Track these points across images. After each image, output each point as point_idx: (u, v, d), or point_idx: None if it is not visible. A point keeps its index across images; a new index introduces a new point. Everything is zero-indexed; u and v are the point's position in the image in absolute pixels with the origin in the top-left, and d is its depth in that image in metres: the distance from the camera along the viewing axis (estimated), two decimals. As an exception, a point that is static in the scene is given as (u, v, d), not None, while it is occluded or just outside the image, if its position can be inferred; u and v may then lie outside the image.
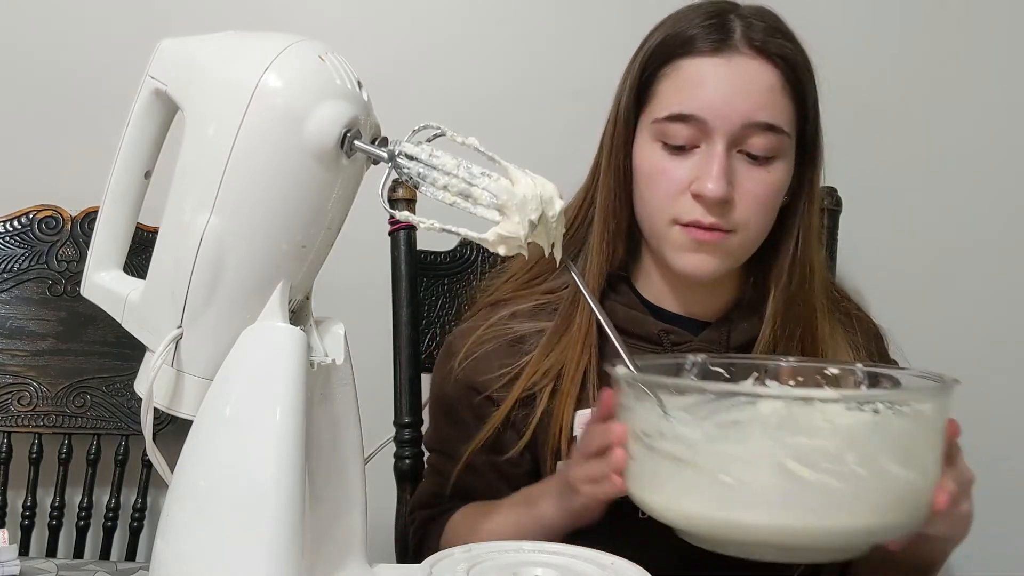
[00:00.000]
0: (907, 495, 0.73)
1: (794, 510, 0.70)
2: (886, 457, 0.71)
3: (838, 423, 0.69)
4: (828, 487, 0.70)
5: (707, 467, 0.72)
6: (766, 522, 0.71)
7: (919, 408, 0.73)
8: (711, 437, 0.72)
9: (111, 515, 1.42)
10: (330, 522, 0.78)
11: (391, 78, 1.45)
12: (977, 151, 1.48)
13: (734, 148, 0.97)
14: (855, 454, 0.69)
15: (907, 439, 0.72)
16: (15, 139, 1.49)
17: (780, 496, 0.70)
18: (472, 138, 0.73)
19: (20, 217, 1.41)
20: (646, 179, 1.01)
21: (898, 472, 0.71)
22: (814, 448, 0.69)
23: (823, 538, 0.71)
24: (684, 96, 0.98)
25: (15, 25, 1.48)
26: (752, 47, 0.97)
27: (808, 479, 0.69)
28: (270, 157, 0.71)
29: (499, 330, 1.05)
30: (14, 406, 1.38)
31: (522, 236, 0.71)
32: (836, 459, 0.69)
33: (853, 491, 0.70)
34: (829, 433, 0.69)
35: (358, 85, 0.74)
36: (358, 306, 1.19)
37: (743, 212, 0.98)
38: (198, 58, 0.75)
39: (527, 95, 1.48)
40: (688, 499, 0.74)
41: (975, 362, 1.48)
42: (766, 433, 0.70)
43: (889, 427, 0.71)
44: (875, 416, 0.71)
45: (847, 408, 0.70)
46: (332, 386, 0.79)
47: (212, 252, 0.72)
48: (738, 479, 0.71)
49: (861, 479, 0.70)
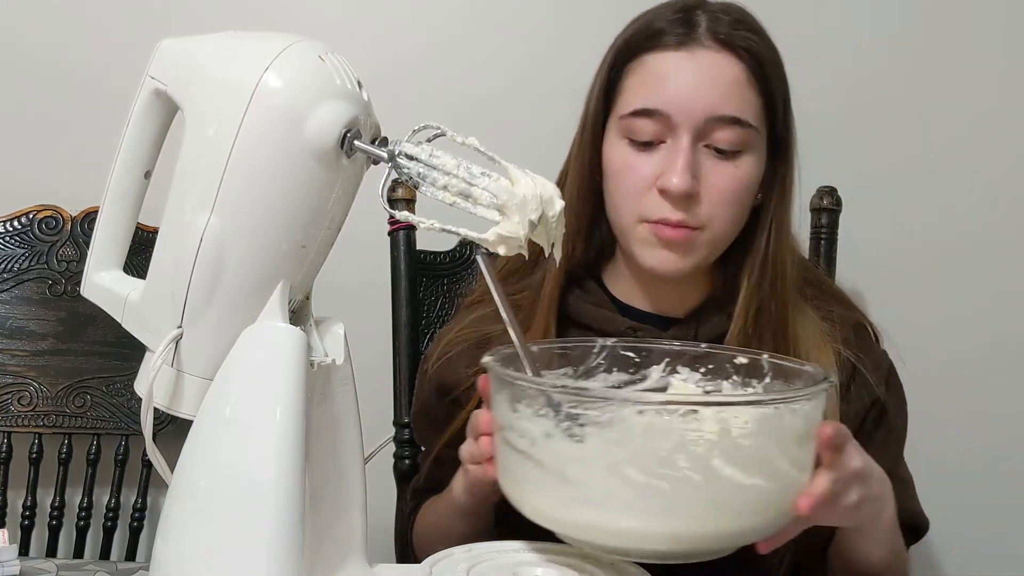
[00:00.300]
0: (750, 499, 0.70)
1: (629, 513, 0.69)
2: (722, 462, 0.68)
3: (673, 427, 0.68)
4: (660, 490, 0.68)
5: (548, 464, 0.71)
6: (603, 523, 0.70)
7: (763, 412, 0.70)
8: (550, 434, 0.71)
9: (111, 515, 1.42)
10: (330, 522, 0.78)
11: (391, 78, 1.45)
12: (977, 151, 1.48)
13: (700, 142, 0.96)
14: (688, 459, 0.68)
15: (750, 444, 0.69)
16: (15, 139, 1.49)
17: (614, 498, 0.69)
18: (472, 138, 0.73)
19: (20, 217, 1.41)
20: (614, 176, 1.01)
21: (735, 476, 0.69)
22: (646, 451, 0.68)
23: (661, 542, 0.70)
24: (648, 91, 0.98)
25: (15, 25, 1.48)
26: (716, 40, 0.97)
27: (640, 482, 0.68)
28: (270, 157, 0.71)
29: (468, 332, 1.06)
30: (14, 406, 1.38)
31: (522, 236, 0.71)
32: (668, 463, 0.68)
33: (688, 495, 0.69)
34: (661, 436, 0.68)
35: (358, 85, 0.74)
36: (358, 306, 1.19)
37: (709, 208, 0.97)
38: (198, 58, 0.75)
39: (527, 95, 1.48)
40: (535, 495, 0.74)
41: (975, 362, 1.48)
42: (600, 434, 0.69)
43: (728, 432, 0.69)
44: (714, 420, 0.69)
45: (681, 414, 0.68)
46: (332, 386, 0.79)
47: (212, 252, 0.72)
48: (576, 479, 0.70)
49: (695, 484, 0.68)
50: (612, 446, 0.69)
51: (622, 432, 0.68)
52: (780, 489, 0.72)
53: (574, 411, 0.70)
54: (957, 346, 1.48)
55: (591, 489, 0.70)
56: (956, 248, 1.49)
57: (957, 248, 1.49)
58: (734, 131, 0.96)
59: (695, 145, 0.96)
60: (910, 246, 1.49)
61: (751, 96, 0.98)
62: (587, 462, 0.70)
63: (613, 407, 0.69)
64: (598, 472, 0.70)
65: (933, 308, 1.47)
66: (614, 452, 0.69)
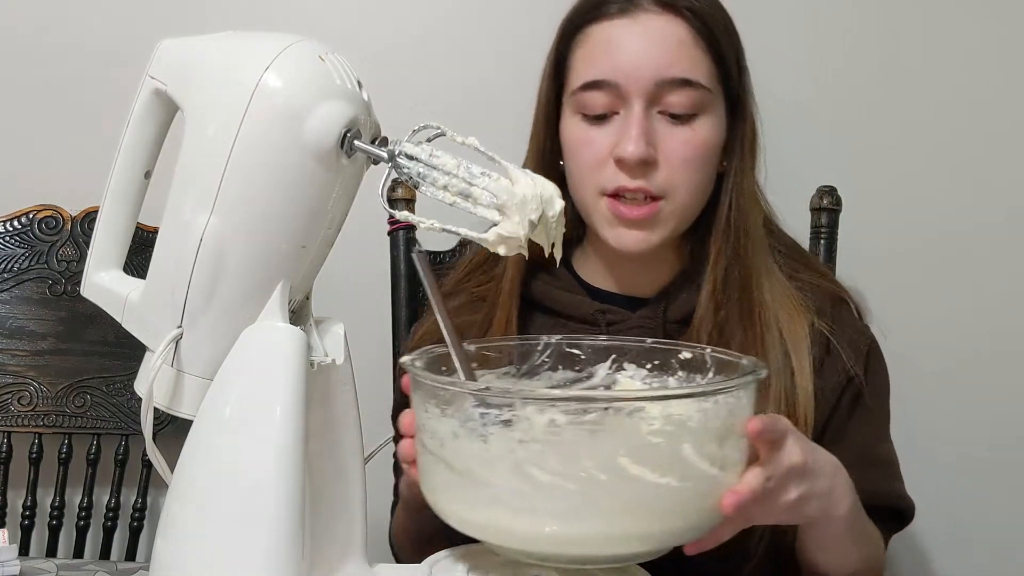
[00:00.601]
0: (663, 500, 0.67)
1: (536, 514, 0.67)
2: (629, 461, 0.66)
3: (576, 425, 0.66)
4: (567, 491, 0.66)
5: (457, 465, 0.70)
6: (511, 525, 0.68)
7: (672, 408, 0.67)
8: (457, 434, 0.69)
9: (111, 515, 1.41)
10: (330, 522, 0.78)
11: (391, 78, 1.45)
12: (977, 151, 1.48)
13: (653, 108, 0.95)
14: (592, 457, 0.66)
15: (660, 441, 0.66)
16: (15, 139, 1.49)
17: (521, 499, 0.67)
18: (472, 138, 0.73)
19: (20, 217, 1.41)
20: (571, 153, 1.00)
21: (645, 475, 0.66)
22: (549, 450, 0.66)
23: (572, 544, 0.68)
24: (595, 62, 0.97)
25: (15, 25, 1.48)
26: (658, 3, 0.96)
27: (545, 482, 0.66)
28: (270, 157, 0.71)
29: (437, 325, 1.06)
30: (14, 406, 1.38)
31: (522, 236, 0.71)
32: (572, 462, 0.66)
33: (595, 496, 0.66)
34: (564, 435, 0.66)
35: (358, 85, 0.74)
36: (358, 306, 1.19)
37: (669, 174, 0.96)
38: (198, 58, 0.75)
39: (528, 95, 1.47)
40: (446, 497, 0.72)
41: (975, 361, 1.48)
42: (504, 433, 0.67)
43: (636, 429, 0.66)
44: (618, 418, 0.66)
45: (584, 411, 0.66)
46: (332, 386, 0.79)
47: (212, 252, 0.72)
48: (483, 479, 0.69)
49: (602, 484, 0.66)
50: (515, 445, 0.67)
51: (525, 431, 0.66)
52: (698, 489, 0.69)
53: (478, 410, 0.68)
54: (957, 345, 1.48)
55: (498, 490, 0.68)
56: (956, 248, 1.49)
57: (957, 248, 1.49)
58: (686, 93, 0.95)
59: (648, 112, 0.95)
60: (910, 246, 1.48)
61: (700, 57, 0.96)
62: (493, 462, 0.68)
63: (515, 405, 0.67)
64: (504, 472, 0.67)
65: (933, 308, 1.47)
66: (518, 451, 0.66)
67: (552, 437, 0.66)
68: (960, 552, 1.49)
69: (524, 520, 0.68)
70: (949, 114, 1.48)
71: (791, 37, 1.04)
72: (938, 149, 1.48)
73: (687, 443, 0.68)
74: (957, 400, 1.47)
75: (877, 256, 1.45)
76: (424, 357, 0.77)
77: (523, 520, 0.68)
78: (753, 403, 0.73)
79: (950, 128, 1.48)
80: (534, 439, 0.66)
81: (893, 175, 1.48)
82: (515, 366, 0.86)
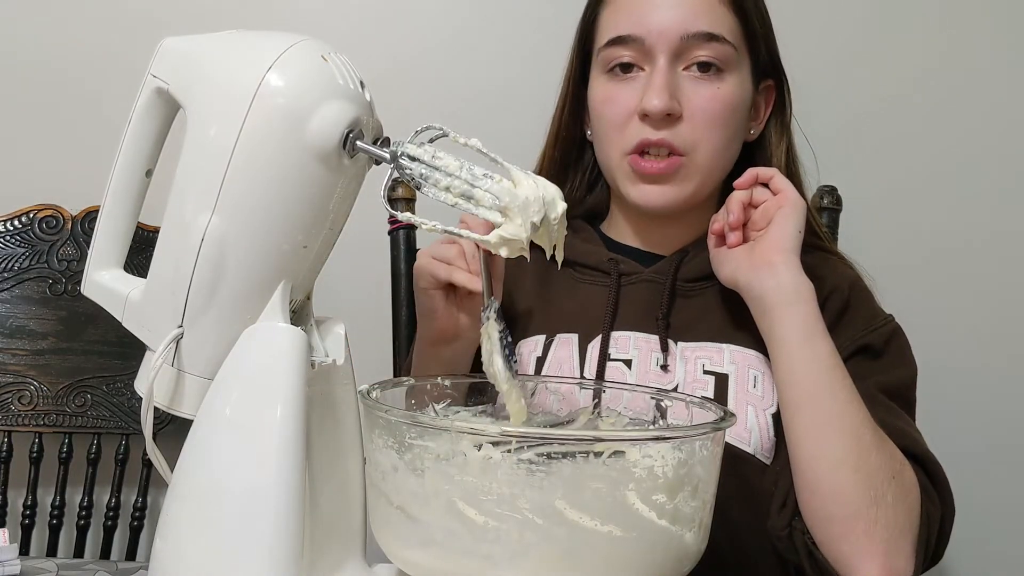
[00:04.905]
0: (603, 549, 0.63)
1: (471, 557, 0.64)
2: (566, 504, 0.62)
3: (512, 464, 0.63)
4: (501, 533, 0.63)
5: (395, 499, 0.68)
6: (448, 568, 0.65)
7: (613, 455, 0.64)
8: (396, 467, 0.67)
9: (111, 514, 1.42)
10: (330, 522, 0.78)
11: (394, 78, 1.45)
12: (977, 150, 1.48)
13: (678, 65, 0.97)
14: (528, 500, 0.62)
15: (600, 487, 0.63)
16: (15, 139, 1.49)
17: (455, 539, 0.64)
18: (475, 139, 0.73)
19: (20, 217, 1.41)
20: (597, 112, 1.02)
21: (583, 521, 0.63)
22: (483, 489, 0.63)
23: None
24: (621, 19, 1.00)
25: (15, 25, 1.48)
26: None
27: (479, 523, 0.63)
28: (272, 157, 0.71)
29: None
30: (14, 405, 1.38)
31: (524, 238, 0.71)
32: (507, 503, 0.62)
33: (531, 540, 0.63)
34: (500, 473, 0.62)
35: (361, 85, 0.74)
36: (358, 306, 1.19)
37: (692, 130, 0.97)
38: (200, 57, 0.74)
39: (530, 96, 1.48)
40: (386, 533, 0.70)
41: (975, 361, 1.49)
42: (438, 468, 0.64)
43: (576, 473, 0.63)
44: (556, 459, 0.63)
45: (519, 449, 0.63)
46: (332, 386, 0.79)
47: (213, 252, 0.72)
48: (418, 516, 0.66)
49: (537, 528, 0.62)
50: (449, 482, 0.64)
51: (459, 467, 0.63)
52: (643, 540, 0.65)
53: (414, 442, 0.66)
54: (957, 344, 1.48)
55: (432, 529, 0.65)
56: (956, 247, 1.49)
57: (957, 247, 1.49)
58: (711, 47, 0.97)
59: (673, 67, 0.97)
60: (910, 246, 1.49)
61: (724, 13, 0.98)
62: (428, 498, 0.65)
63: (450, 439, 0.64)
64: (438, 510, 0.65)
65: (933, 307, 1.47)
66: (452, 488, 0.64)
67: (486, 476, 0.63)
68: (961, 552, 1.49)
69: (457, 562, 0.64)
70: (949, 114, 1.48)
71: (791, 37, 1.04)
72: (938, 149, 1.49)
73: (632, 491, 0.64)
74: (957, 400, 1.48)
75: (877, 256, 1.44)
76: (382, 387, 0.77)
77: (456, 562, 0.65)
78: (716, 457, 0.69)
79: (950, 128, 1.48)
80: (469, 476, 0.63)
81: (893, 175, 1.49)
82: (492, 404, 0.85)
